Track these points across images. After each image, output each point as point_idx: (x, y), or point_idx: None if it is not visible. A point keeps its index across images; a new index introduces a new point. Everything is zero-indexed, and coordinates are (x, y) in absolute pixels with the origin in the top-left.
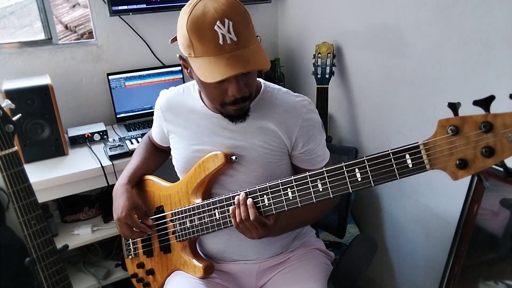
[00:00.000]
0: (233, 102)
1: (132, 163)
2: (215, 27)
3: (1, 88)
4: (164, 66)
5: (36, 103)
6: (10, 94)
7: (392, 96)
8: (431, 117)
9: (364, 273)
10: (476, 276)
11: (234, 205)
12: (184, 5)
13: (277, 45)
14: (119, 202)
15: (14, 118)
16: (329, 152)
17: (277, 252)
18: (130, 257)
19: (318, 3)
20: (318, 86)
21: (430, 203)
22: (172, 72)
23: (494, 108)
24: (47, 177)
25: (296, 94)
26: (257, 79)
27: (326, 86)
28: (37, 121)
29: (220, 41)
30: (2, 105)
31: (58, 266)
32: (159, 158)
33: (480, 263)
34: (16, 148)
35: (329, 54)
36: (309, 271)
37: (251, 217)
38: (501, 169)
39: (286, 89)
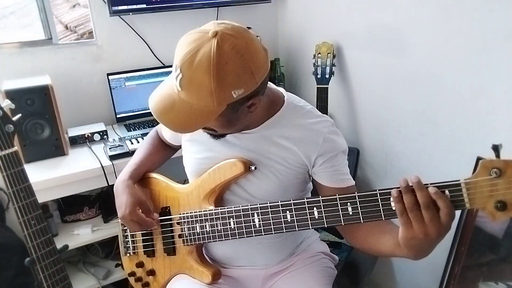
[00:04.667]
0: None
1: (135, 158)
2: (174, 65)
3: (1, 88)
4: (164, 66)
5: (36, 103)
6: (10, 94)
7: (392, 96)
8: (431, 117)
9: (368, 277)
10: (476, 277)
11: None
12: (184, 5)
13: (277, 45)
14: (122, 199)
15: (14, 118)
16: (354, 183)
17: (285, 258)
18: (128, 255)
19: (318, 3)
20: (318, 86)
21: None
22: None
23: (493, 111)
24: (47, 177)
25: (319, 114)
26: (281, 91)
27: (326, 86)
28: (37, 121)
29: (173, 77)
30: (2, 105)
31: (58, 266)
32: (164, 154)
33: (480, 264)
34: (16, 148)
35: (329, 54)
36: (313, 276)
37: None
38: None
39: (310, 107)
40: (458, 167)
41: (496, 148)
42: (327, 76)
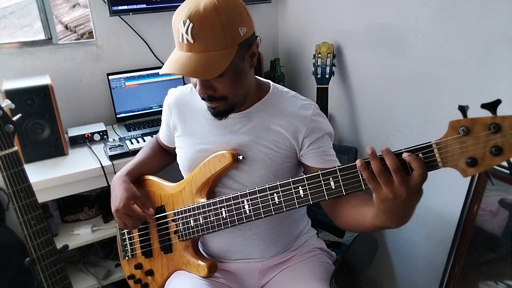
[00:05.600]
0: (203, 98)
1: (135, 159)
2: (179, 25)
3: (1, 88)
4: None
5: (36, 103)
6: (10, 94)
7: (392, 96)
8: (431, 117)
9: (366, 272)
10: (476, 276)
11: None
12: None
13: (277, 45)
14: (117, 193)
15: (14, 118)
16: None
17: (280, 250)
18: (126, 258)
19: (318, 3)
20: (318, 86)
21: (430, 203)
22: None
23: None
24: (47, 177)
25: (304, 97)
26: (267, 80)
27: (326, 86)
28: (37, 121)
29: (180, 39)
30: (2, 105)
31: (58, 266)
32: (163, 160)
33: (480, 263)
34: (16, 148)
35: (329, 54)
36: (311, 270)
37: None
38: (505, 170)
39: (294, 92)
40: None
41: (462, 109)
42: (327, 76)
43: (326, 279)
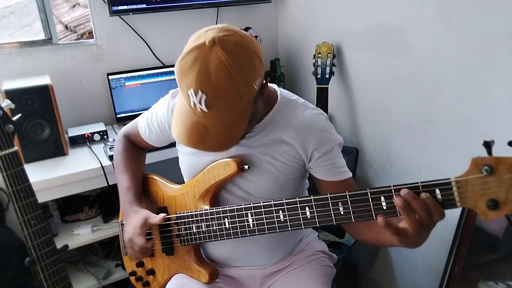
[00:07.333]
0: None
1: (128, 176)
2: (188, 92)
3: (1, 88)
4: (164, 66)
5: (36, 103)
6: (10, 94)
7: (392, 96)
8: (431, 117)
9: (367, 274)
10: (476, 277)
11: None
12: (184, 5)
13: (277, 45)
14: (129, 222)
15: (14, 118)
16: (351, 174)
17: (283, 258)
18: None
19: (318, 3)
20: (318, 86)
21: None
22: (172, 72)
23: (496, 112)
24: (47, 177)
25: (313, 106)
26: (273, 87)
27: (326, 86)
28: (37, 121)
29: (191, 105)
30: (2, 105)
31: (58, 266)
32: (144, 157)
33: (480, 264)
34: (16, 148)
35: (329, 54)
36: (313, 274)
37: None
38: None
39: (303, 101)
40: (458, 167)
41: (487, 145)
42: (327, 76)
43: (327, 283)
